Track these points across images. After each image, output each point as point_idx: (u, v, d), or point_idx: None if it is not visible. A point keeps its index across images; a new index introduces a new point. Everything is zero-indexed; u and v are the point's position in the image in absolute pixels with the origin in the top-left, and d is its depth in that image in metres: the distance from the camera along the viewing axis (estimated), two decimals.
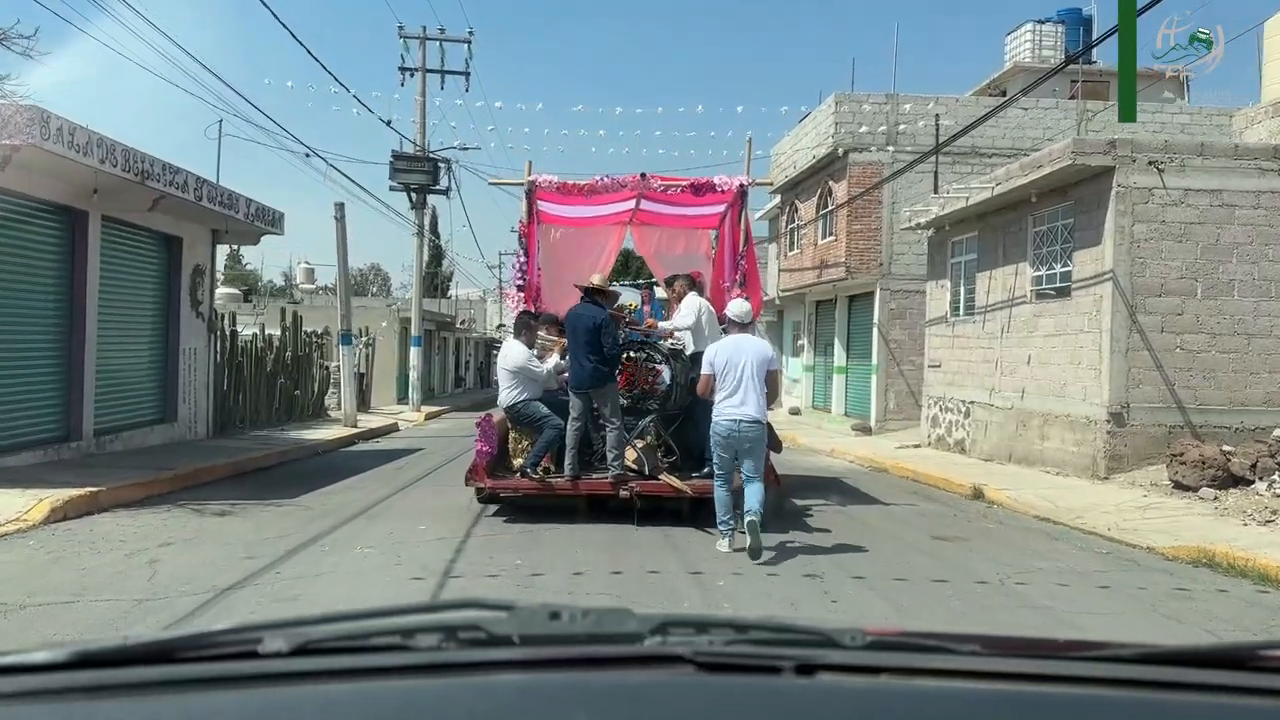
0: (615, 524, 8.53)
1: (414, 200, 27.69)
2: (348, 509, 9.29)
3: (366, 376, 27.70)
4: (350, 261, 20.81)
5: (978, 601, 6.21)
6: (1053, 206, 13.71)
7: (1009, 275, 14.98)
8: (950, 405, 17.04)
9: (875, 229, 21.18)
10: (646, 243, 11.89)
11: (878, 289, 21.27)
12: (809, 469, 15.12)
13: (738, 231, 10.43)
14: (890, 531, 8.98)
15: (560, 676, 1.11)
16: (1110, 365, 12.18)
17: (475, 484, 9.09)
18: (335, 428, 19.79)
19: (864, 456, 16.41)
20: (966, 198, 15.29)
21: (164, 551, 7.07)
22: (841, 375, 24.01)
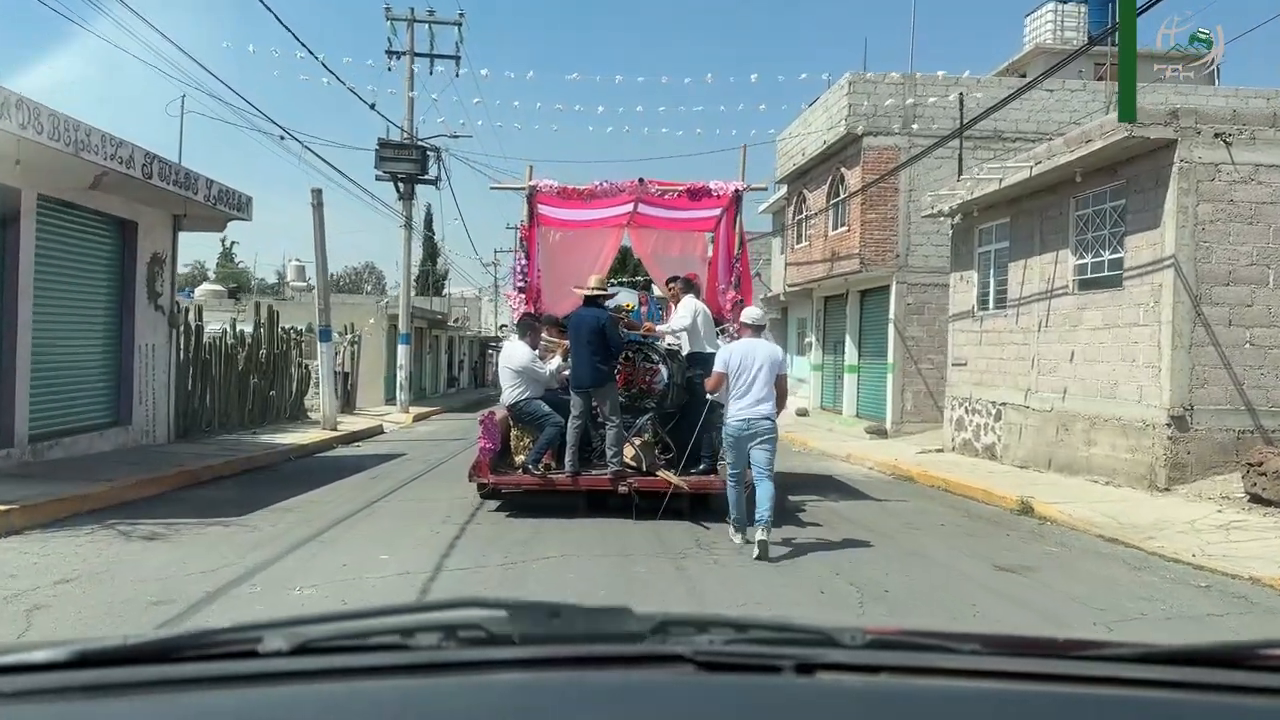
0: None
1: (401, 191, 26.31)
2: (300, 531, 7.91)
3: (352, 376, 26.34)
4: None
5: None
6: (1100, 187, 12.37)
7: (1047, 264, 13.63)
8: (978, 407, 15.68)
9: (891, 218, 19.82)
10: (644, 244, 12.10)
11: (893, 282, 19.91)
12: (824, 476, 13.76)
13: (733, 235, 10.61)
14: (941, 558, 7.61)
15: (560, 675, 1.11)
16: (1171, 362, 10.83)
17: (478, 479, 9.30)
18: (313, 431, 18.40)
19: (884, 462, 15.06)
20: (1000, 179, 13.93)
21: (56, 593, 5.69)
22: (853, 374, 22.66)
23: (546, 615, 1.21)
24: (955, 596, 6.28)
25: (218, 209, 13.80)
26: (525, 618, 1.21)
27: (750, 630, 1.26)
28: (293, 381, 20.81)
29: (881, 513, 10.08)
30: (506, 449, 9.71)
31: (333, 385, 19.08)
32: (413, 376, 34.88)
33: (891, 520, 9.51)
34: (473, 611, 1.23)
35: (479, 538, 7.84)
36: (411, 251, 27.36)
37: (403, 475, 12.43)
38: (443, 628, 1.20)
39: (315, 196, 18.03)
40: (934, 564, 7.37)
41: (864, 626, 1.21)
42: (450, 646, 1.17)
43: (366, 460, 14.54)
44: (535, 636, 1.17)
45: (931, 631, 1.28)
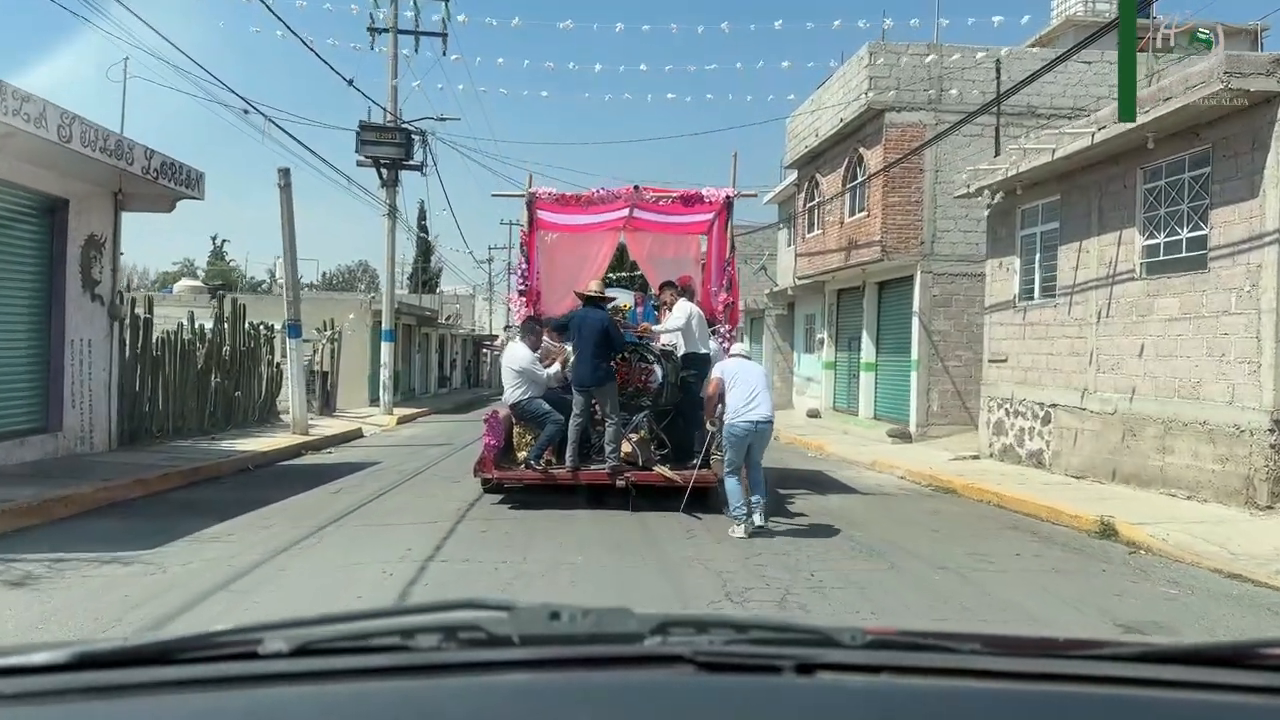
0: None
1: (384, 177, 24.56)
2: (215, 573, 6.19)
3: (331, 376, 24.62)
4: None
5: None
6: (1176, 154, 10.68)
7: (1107, 246, 11.94)
8: (1021, 409, 13.99)
9: (916, 201, 18.12)
10: (639, 247, 12.39)
11: (918, 272, 18.21)
12: (852, 487, 12.06)
13: (724, 240, 10.96)
14: (1039, 610, 5.91)
15: (560, 676, 1.11)
16: (1274, 357, 9.15)
17: (483, 475, 9.68)
18: (281, 436, 16.68)
19: (917, 471, 13.37)
20: (1053, 149, 12.24)
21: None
22: (870, 373, 20.97)
23: (546, 616, 1.20)
24: None
25: (161, 184, 12.06)
26: (525, 619, 1.20)
27: (750, 630, 1.25)
28: (262, 381, 19.07)
29: (938, 538, 8.38)
30: (509, 446, 10.04)
31: (303, 386, 17.35)
32: (399, 376, 33.19)
33: (954, 549, 7.80)
34: (473, 613, 1.23)
35: (443, 581, 6.12)
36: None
37: (369, 489, 10.71)
38: (443, 629, 1.19)
39: (282, 176, 16.31)
40: (1034, 619, 5.65)
41: (864, 627, 1.20)
42: (450, 648, 1.16)
43: (333, 470, 12.84)
44: (535, 637, 1.17)
45: (932, 632, 1.27)
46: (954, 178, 17.92)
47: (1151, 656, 1.21)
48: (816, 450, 17.60)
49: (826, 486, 12.06)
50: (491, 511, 9.10)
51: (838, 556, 7.16)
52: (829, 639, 1.19)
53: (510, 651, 1.15)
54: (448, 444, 17.59)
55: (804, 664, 1.12)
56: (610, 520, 8.75)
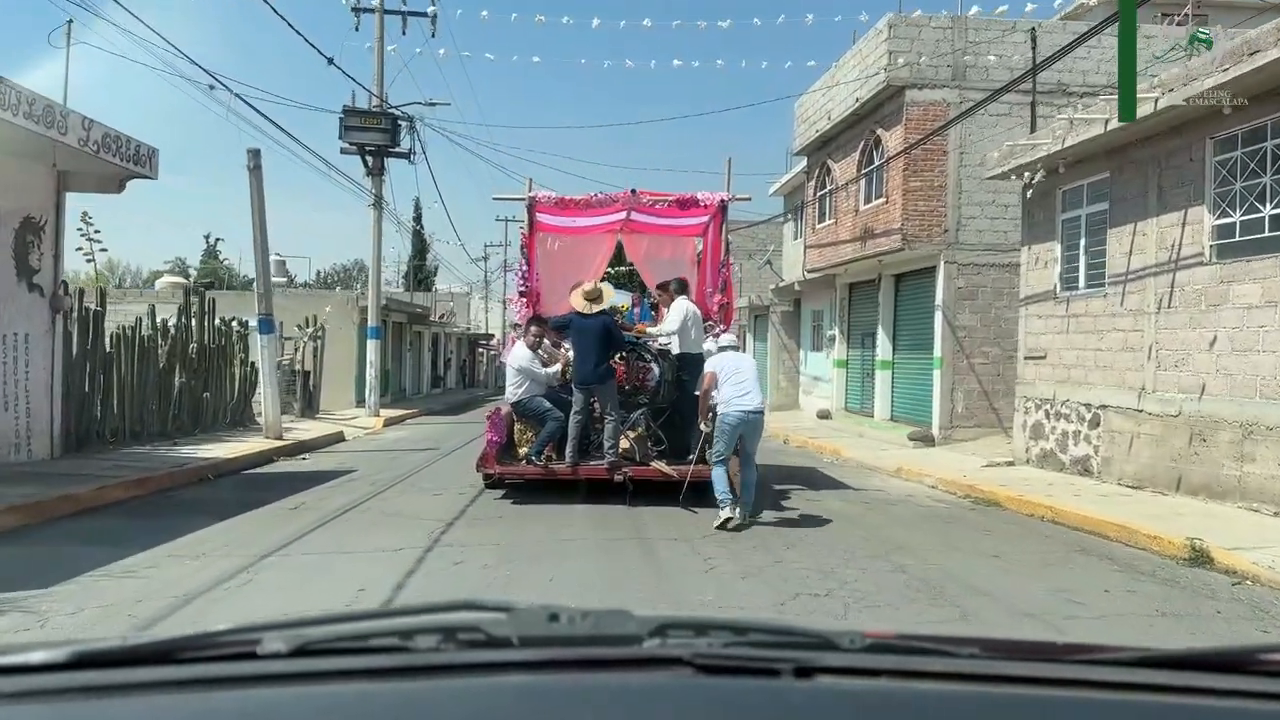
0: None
1: (370, 165, 23.22)
2: (107, 624, 4.84)
3: (314, 375, 23.27)
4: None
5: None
6: (1256, 120, 9.35)
7: (1169, 227, 10.61)
8: (1064, 410, 12.66)
9: (939, 186, 16.79)
10: (636, 249, 12.48)
11: (941, 262, 16.88)
12: (883, 499, 10.73)
13: (719, 243, 11.22)
14: None
15: (559, 678, 1.11)
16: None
17: (485, 470, 9.92)
18: (252, 440, 15.34)
19: (949, 479, 12.04)
20: (1105, 120, 10.91)
21: None
22: (886, 371, 19.64)
23: (546, 618, 1.20)
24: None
25: (104, 159, 10.70)
26: (524, 620, 1.20)
27: (749, 633, 1.25)
28: (234, 382, 17.70)
29: (1004, 568, 7.04)
30: (511, 442, 10.24)
31: (276, 386, 15.99)
32: (389, 375, 31.86)
33: (1029, 584, 6.47)
34: (472, 614, 1.23)
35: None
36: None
37: (334, 504, 9.35)
38: (442, 630, 1.19)
39: (251, 158, 14.96)
40: None
41: (863, 630, 1.21)
42: (449, 649, 1.16)
43: (301, 480, 11.49)
44: (534, 639, 1.16)
45: (930, 635, 1.26)
46: (990, 154, 16.61)
47: (1150, 661, 1.20)
48: (832, 455, 16.27)
49: (853, 499, 10.73)
50: (469, 535, 7.75)
51: (893, 598, 5.82)
52: (828, 642, 1.19)
53: (509, 653, 1.15)
54: (433, 449, 16.25)
55: (803, 667, 1.12)
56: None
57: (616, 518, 8.79)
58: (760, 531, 8.20)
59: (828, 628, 1.23)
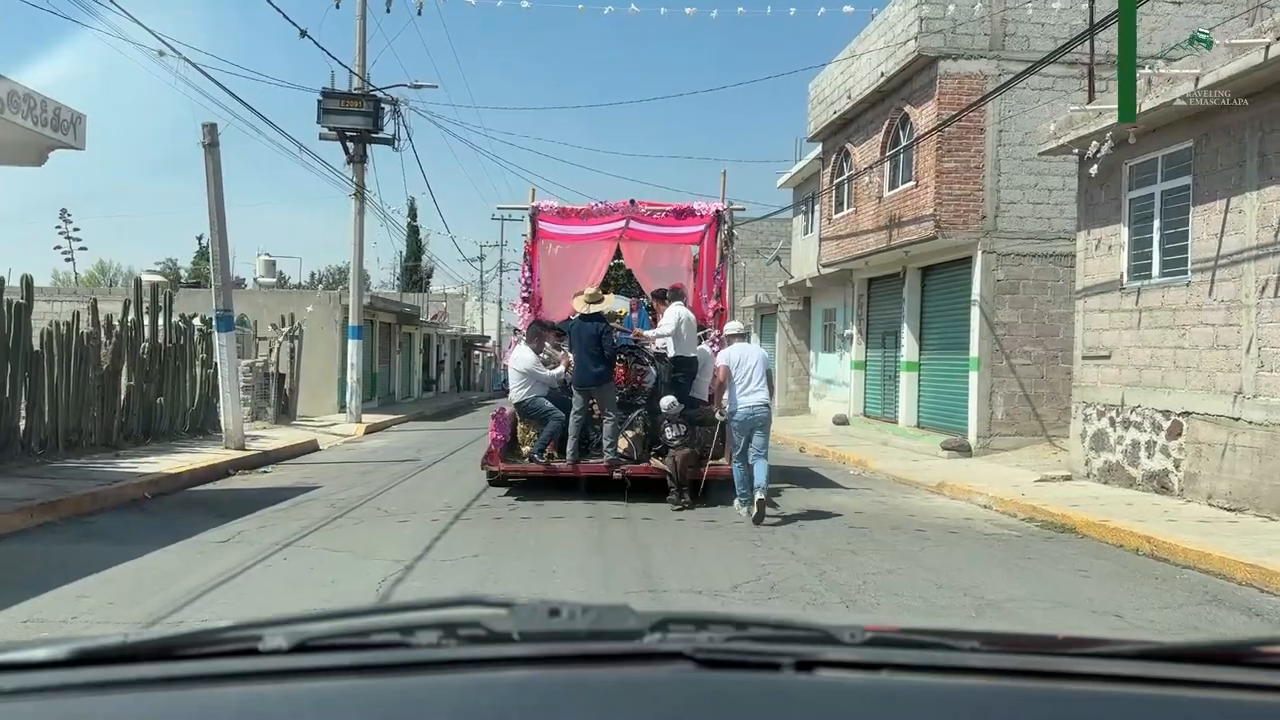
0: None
1: (351, 152, 21.53)
2: None
3: (291, 378, 21.59)
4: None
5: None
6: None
7: (1273, 202, 8.95)
8: (1135, 417, 10.98)
9: (976, 168, 15.13)
10: (634, 256, 12.68)
11: (978, 252, 15.21)
12: (938, 524, 9.04)
13: (714, 251, 11.51)
14: None
15: (560, 673, 1.11)
16: None
17: (489, 468, 10.27)
18: (210, 451, 13.67)
19: (1005, 498, 10.37)
20: (1196, 76, 9.25)
21: None
22: (912, 373, 17.96)
23: (546, 613, 1.20)
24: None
25: (12, 121, 9.01)
26: (525, 615, 1.19)
27: (750, 628, 1.24)
28: (195, 385, 16.00)
29: (1130, 633, 5.35)
30: (514, 441, 10.48)
31: (237, 390, 14.30)
32: (376, 378, 30.17)
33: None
34: (472, 609, 1.23)
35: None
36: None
37: (274, 537, 7.63)
38: (442, 626, 1.19)
39: (207, 134, 13.28)
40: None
41: (863, 624, 1.20)
42: (450, 644, 1.16)
43: (250, 501, 9.82)
44: (535, 634, 1.16)
45: (931, 629, 1.27)
46: (1022, 139, 14.96)
47: (1150, 654, 1.21)
48: (857, 466, 14.60)
49: (903, 524, 9.04)
50: (429, 587, 6.03)
51: None
52: (829, 636, 1.18)
53: (510, 648, 1.14)
54: (413, 460, 14.58)
55: (804, 661, 1.11)
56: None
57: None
58: (803, 574, 6.53)
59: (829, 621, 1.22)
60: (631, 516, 9.01)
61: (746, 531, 8.18)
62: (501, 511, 9.06)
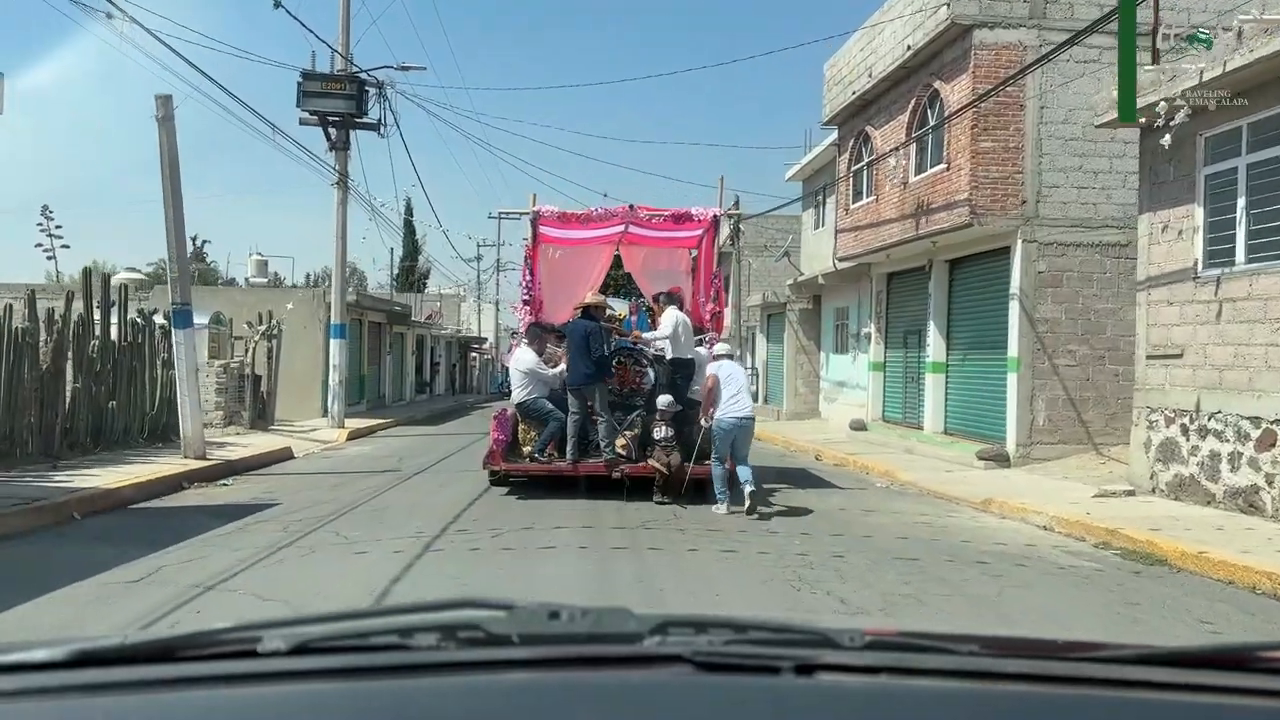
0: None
1: (333, 138, 20.13)
2: None
3: (268, 380, 20.19)
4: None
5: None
6: None
7: None
8: (1214, 425, 9.57)
9: (1014, 148, 13.71)
10: (633, 260, 12.77)
11: (1018, 241, 13.80)
12: (998, 552, 7.61)
13: (712, 255, 11.77)
14: None
15: (559, 676, 1.11)
16: None
17: (491, 467, 10.43)
18: (165, 461, 12.29)
19: (1066, 518, 8.97)
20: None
21: None
22: (938, 374, 16.55)
23: (545, 615, 1.20)
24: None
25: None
26: (524, 618, 1.19)
27: (749, 631, 1.24)
28: (156, 387, 14.58)
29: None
30: (515, 441, 10.64)
31: (197, 393, 12.87)
32: (364, 381, 28.73)
33: None
34: (471, 612, 1.22)
35: None
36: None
37: (200, 575, 6.17)
38: (441, 628, 1.19)
39: (161, 106, 11.86)
40: None
41: (863, 628, 1.20)
42: (449, 647, 1.16)
43: (195, 522, 8.44)
44: (534, 637, 1.16)
45: (930, 633, 1.26)
46: (1065, 117, 13.57)
47: (1150, 659, 1.20)
48: (883, 477, 13.20)
49: (958, 554, 7.60)
50: None
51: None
52: (828, 640, 1.18)
53: (509, 651, 1.14)
54: (393, 470, 13.16)
55: (803, 665, 1.11)
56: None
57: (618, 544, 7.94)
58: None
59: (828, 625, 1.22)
60: (637, 546, 7.61)
61: (781, 569, 6.75)
62: (480, 539, 7.62)
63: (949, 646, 1.20)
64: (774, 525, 8.87)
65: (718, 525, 8.69)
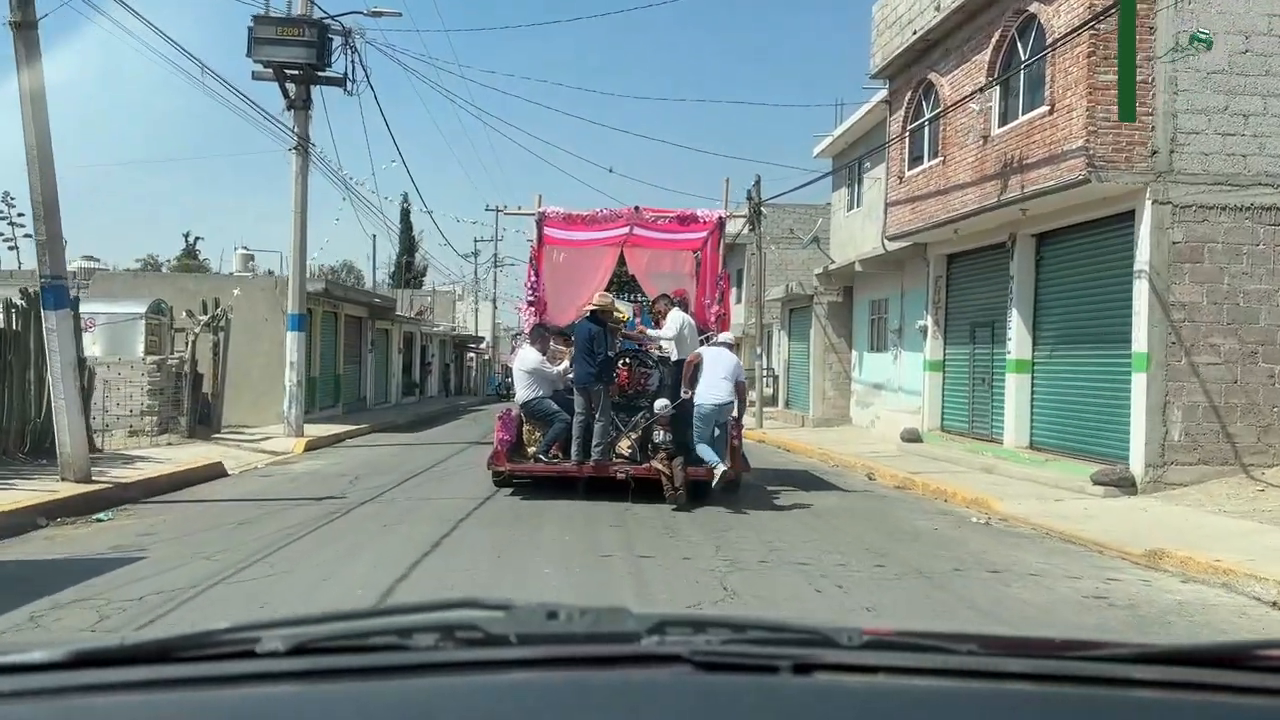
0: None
1: (293, 95, 17.07)
2: None
3: (214, 380, 17.16)
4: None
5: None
6: None
7: None
8: None
9: (1142, 83, 10.60)
10: (638, 261, 12.57)
11: (1145, 203, 10.71)
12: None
13: (717, 256, 11.80)
14: None
15: (557, 676, 1.10)
16: None
17: (495, 467, 10.34)
18: (38, 483, 9.29)
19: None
20: None
21: None
22: (1022, 375, 13.47)
23: (544, 615, 1.19)
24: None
25: None
26: (523, 618, 1.19)
27: (748, 630, 1.24)
28: (39, 389, 11.49)
29: None
30: (520, 442, 10.58)
31: (76, 396, 9.77)
32: (339, 381, 25.63)
33: None
34: (470, 612, 1.22)
35: None
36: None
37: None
38: (440, 628, 1.18)
39: (16, 7, 8.78)
40: None
41: (861, 627, 1.19)
42: (448, 647, 1.16)
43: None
44: (533, 636, 1.15)
45: (929, 632, 1.25)
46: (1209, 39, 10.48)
47: (1149, 657, 1.19)
48: (974, 508, 10.18)
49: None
50: None
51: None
52: (826, 639, 1.18)
53: (508, 651, 1.14)
54: (337, 497, 10.12)
55: (801, 664, 1.11)
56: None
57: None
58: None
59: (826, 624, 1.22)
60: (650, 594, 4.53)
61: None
62: None
63: (948, 646, 1.18)
64: (867, 598, 5.86)
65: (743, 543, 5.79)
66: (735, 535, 8.13)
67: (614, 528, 8.43)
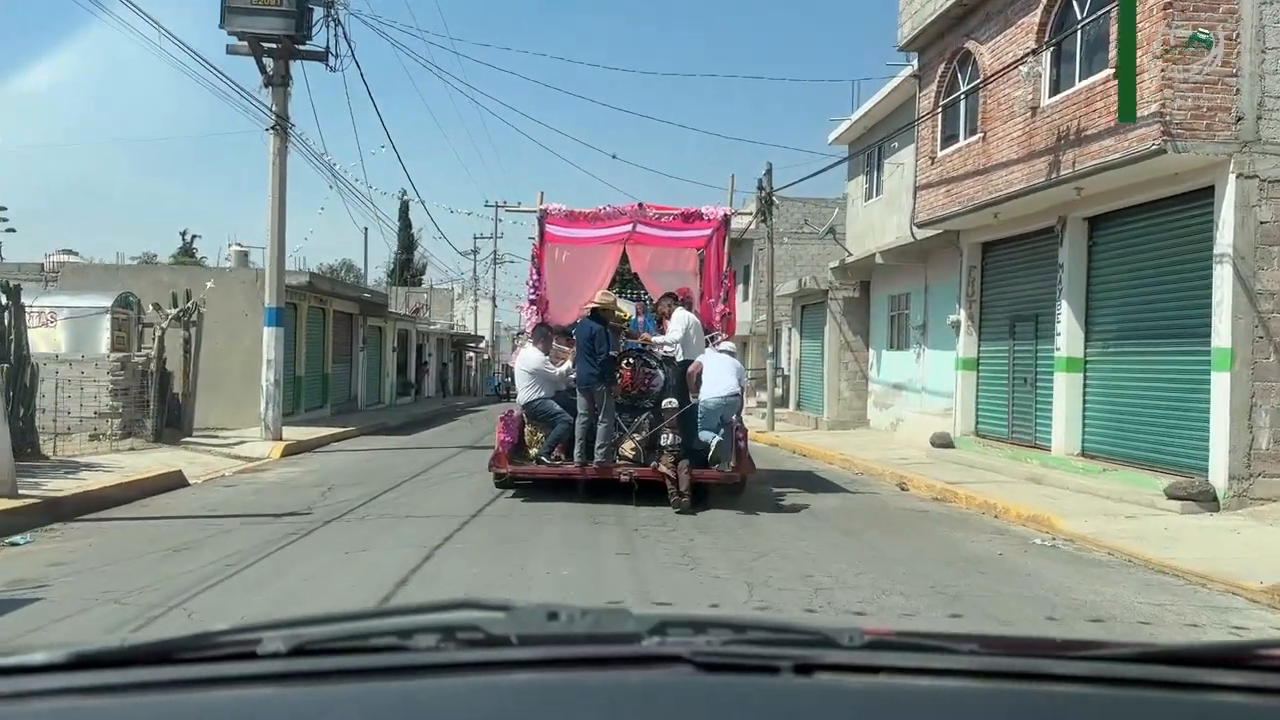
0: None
1: (270, 71, 15.74)
2: None
3: (186, 378, 15.85)
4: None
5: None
6: None
7: None
8: None
9: (1227, 39, 9.26)
10: (640, 260, 12.41)
11: (1229, 176, 9.36)
12: None
13: (721, 254, 11.58)
14: None
15: (558, 676, 1.09)
16: None
17: (496, 469, 10.21)
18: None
19: None
20: None
21: None
22: (1073, 374, 12.13)
23: (544, 616, 1.18)
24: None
25: None
26: (523, 619, 1.18)
27: (749, 631, 1.23)
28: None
29: None
30: (522, 443, 10.46)
31: (4, 401, 8.45)
32: (327, 380, 24.28)
33: None
34: (471, 613, 1.21)
35: None
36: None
37: None
38: (441, 629, 1.18)
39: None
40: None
41: (862, 627, 1.17)
42: (449, 648, 1.15)
43: None
44: (533, 637, 1.15)
45: (929, 632, 1.24)
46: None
47: (1149, 657, 1.18)
48: (1032, 526, 8.87)
49: None
50: None
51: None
52: (827, 639, 1.17)
53: (508, 651, 1.13)
54: (303, 513, 8.79)
55: (802, 664, 1.10)
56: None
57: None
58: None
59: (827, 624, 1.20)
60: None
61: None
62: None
63: (948, 646, 1.18)
64: None
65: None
66: (766, 565, 6.81)
67: (621, 554, 7.11)
